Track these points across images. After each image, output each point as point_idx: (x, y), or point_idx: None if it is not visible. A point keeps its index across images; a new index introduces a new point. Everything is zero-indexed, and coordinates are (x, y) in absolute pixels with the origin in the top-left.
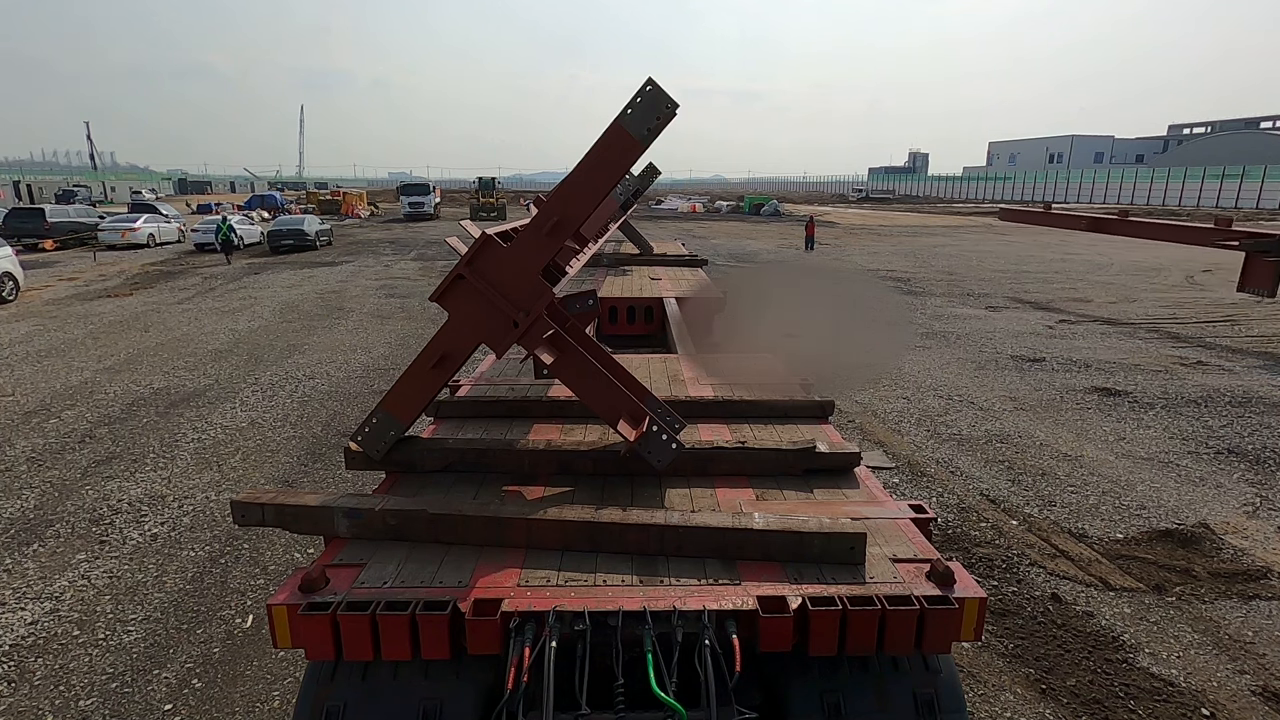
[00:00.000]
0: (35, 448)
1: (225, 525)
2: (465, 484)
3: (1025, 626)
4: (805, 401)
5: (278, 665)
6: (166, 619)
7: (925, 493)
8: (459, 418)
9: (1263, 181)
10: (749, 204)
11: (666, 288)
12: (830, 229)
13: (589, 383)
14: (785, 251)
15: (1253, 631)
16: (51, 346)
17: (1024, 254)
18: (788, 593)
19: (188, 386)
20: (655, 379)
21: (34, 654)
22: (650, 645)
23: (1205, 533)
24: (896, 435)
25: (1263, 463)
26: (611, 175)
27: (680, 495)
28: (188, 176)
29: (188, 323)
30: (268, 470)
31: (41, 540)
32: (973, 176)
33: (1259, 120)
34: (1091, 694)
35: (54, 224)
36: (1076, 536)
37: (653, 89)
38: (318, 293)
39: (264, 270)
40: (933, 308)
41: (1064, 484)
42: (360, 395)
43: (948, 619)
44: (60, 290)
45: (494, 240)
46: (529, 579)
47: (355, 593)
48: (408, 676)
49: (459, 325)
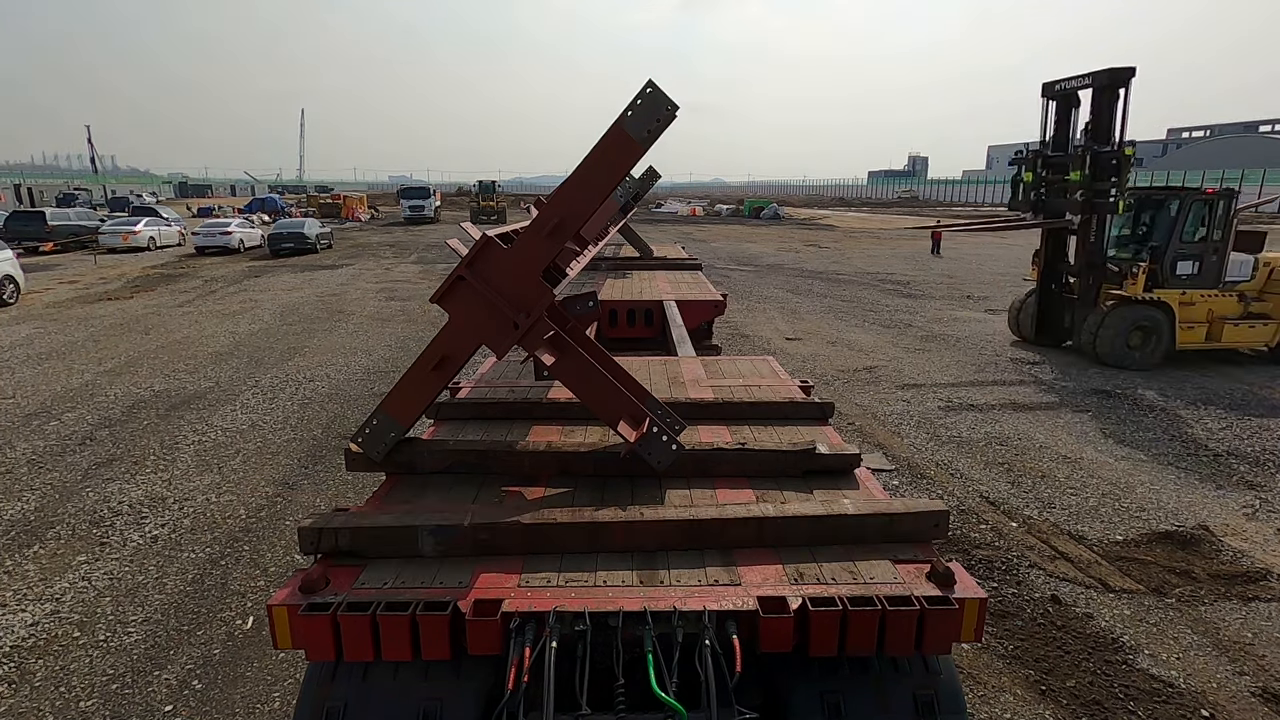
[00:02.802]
0: (36, 450)
1: (225, 527)
2: (466, 485)
3: (1025, 628)
4: (805, 403)
5: (278, 666)
6: (167, 620)
7: (925, 495)
8: (459, 419)
9: (1261, 184)
10: (749, 207)
11: (666, 290)
12: (829, 233)
13: (589, 384)
14: (785, 255)
15: (1252, 633)
16: (52, 349)
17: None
18: (788, 593)
19: (188, 389)
20: (655, 381)
21: (34, 655)
22: (651, 646)
23: (1205, 534)
24: (896, 437)
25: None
26: (612, 177)
27: (680, 496)
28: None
29: (188, 325)
30: (268, 472)
31: (42, 542)
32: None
33: (1257, 124)
34: (1091, 695)
35: (55, 227)
36: (1076, 538)
37: (653, 91)
38: (318, 296)
39: (264, 273)
40: (932, 311)
41: (1064, 486)
42: (361, 397)
43: (948, 620)
44: (61, 293)
45: (494, 242)
46: (529, 579)
47: (355, 593)
48: (408, 677)
49: (459, 327)
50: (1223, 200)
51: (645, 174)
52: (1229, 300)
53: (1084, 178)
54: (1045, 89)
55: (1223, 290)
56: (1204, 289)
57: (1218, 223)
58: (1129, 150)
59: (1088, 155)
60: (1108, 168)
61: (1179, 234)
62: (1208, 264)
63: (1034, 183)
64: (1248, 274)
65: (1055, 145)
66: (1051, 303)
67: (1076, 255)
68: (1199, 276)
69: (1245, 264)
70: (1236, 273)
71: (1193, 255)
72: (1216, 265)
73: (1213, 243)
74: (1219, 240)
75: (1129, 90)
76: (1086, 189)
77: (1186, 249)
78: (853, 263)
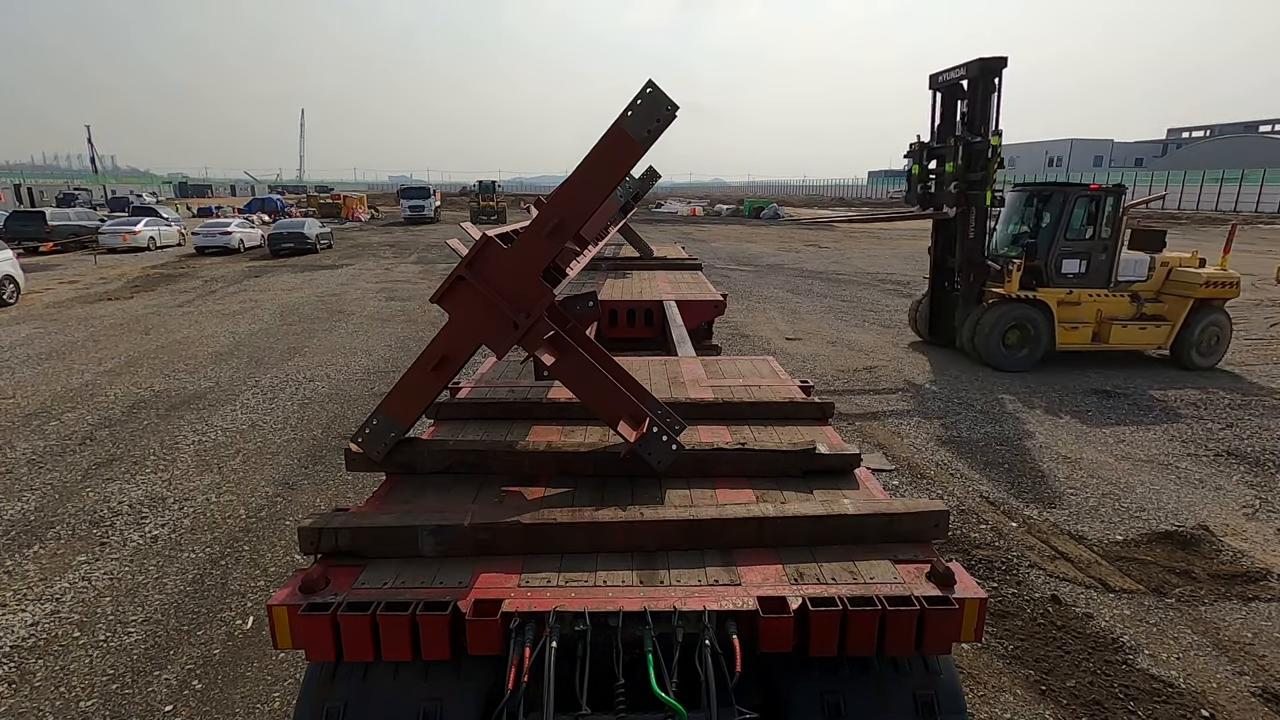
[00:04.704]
0: (36, 450)
1: (225, 527)
2: (465, 485)
3: (1025, 628)
4: (805, 403)
5: (278, 666)
6: (167, 620)
7: (925, 495)
8: (459, 419)
9: (1261, 184)
10: (749, 207)
11: (667, 290)
12: (829, 233)
13: (589, 384)
14: (785, 255)
15: (1252, 633)
16: (52, 349)
17: None
18: (788, 593)
19: (188, 389)
20: (655, 381)
21: (34, 655)
22: (651, 646)
23: (1205, 534)
24: (896, 437)
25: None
26: (612, 177)
27: (680, 496)
28: (188, 180)
29: (188, 325)
30: (268, 472)
31: (42, 542)
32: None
33: (1257, 124)
34: (1091, 695)
35: (55, 227)
36: (1076, 538)
37: (653, 91)
38: (318, 296)
39: (264, 273)
40: None
41: (1063, 486)
42: (360, 397)
43: (948, 620)
44: (61, 293)
45: (494, 242)
46: (529, 580)
47: (355, 593)
48: (408, 677)
49: (459, 327)
50: (1110, 197)
51: (645, 174)
52: (1120, 300)
53: (957, 169)
54: (931, 80)
55: (1114, 290)
56: (1093, 288)
57: (1106, 220)
58: (995, 140)
59: (960, 146)
60: (980, 159)
61: (1063, 231)
62: (1096, 263)
63: (920, 175)
64: (1143, 274)
65: (941, 137)
66: (944, 301)
67: (957, 252)
68: (1087, 275)
69: (1140, 263)
70: (1131, 272)
71: (1079, 253)
72: (1106, 264)
73: (1101, 240)
74: (1108, 238)
75: (1001, 80)
76: (960, 180)
77: (1072, 247)
78: (853, 263)
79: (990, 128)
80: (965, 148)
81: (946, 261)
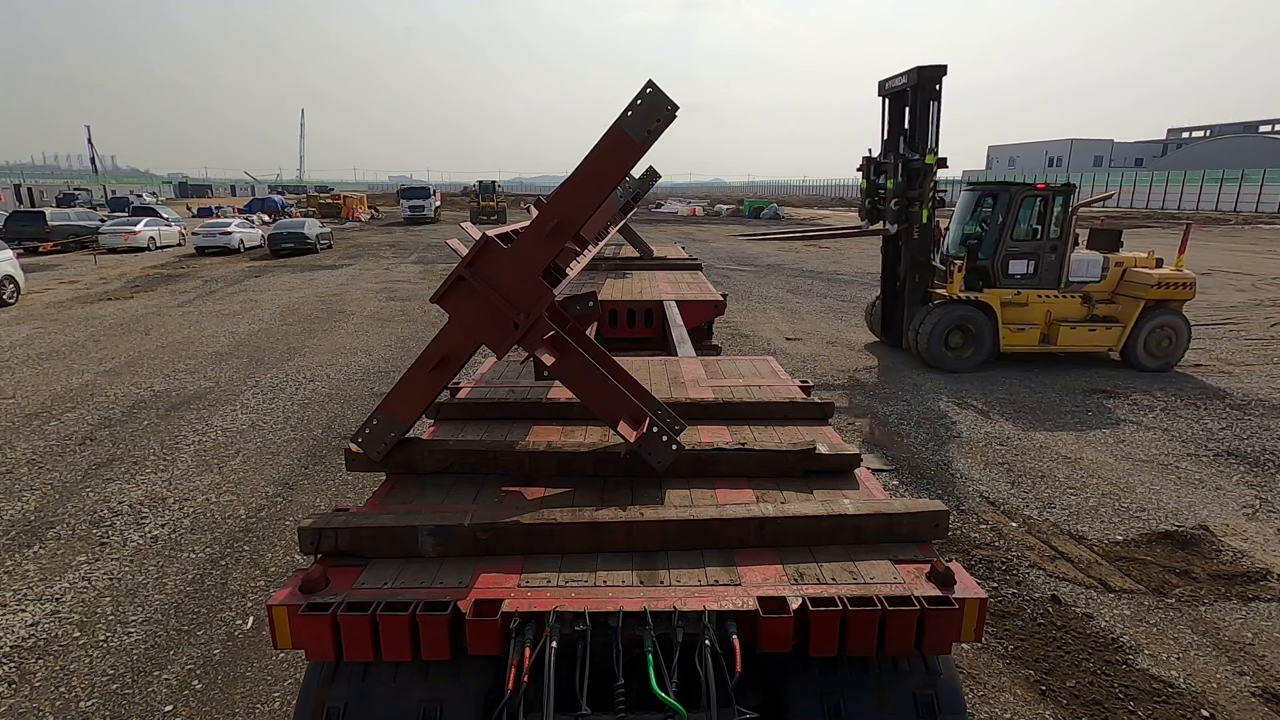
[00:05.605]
0: (36, 450)
1: (226, 527)
2: (466, 485)
3: (1025, 628)
4: (805, 403)
5: (278, 666)
6: (167, 621)
7: (925, 495)
8: (459, 419)
9: (1261, 184)
10: (749, 207)
11: (666, 290)
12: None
13: (589, 384)
14: (785, 255)
15: (1252, 633)
16: (52, 349)
17: None
18: (788, 593)
19: (188, 389)
20: (655, 381)
21: (34, 655)
22: (651, 646)
23: (1205, 534)
24: (897, 437)
25: None
26: (612, 177)
27: (680, 496)
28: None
29: (188, 325)
30: (268, 472)
31: (42, 542)
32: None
33: (1257, 124)
34: (1091, 695)
35: (55, 227)
36: (1076, 538)
37: (653, 91)
38: (318, 296)
39: (264, 273)
40: None
41: (1063, 486)
42: (361, 397)
43: (948, 620)
44: (61, 293)
45: (494, 242)
46: (529, 580)
47: (355, 593)
48: (408, 677)
49: (459, 327)
50: (1059, 196)
51: (645, 174)
52: (1071, 302)
53: (898, 186)
54: (880, 87)
55: (1065, 291)
56: (1043, 289)
57: (1055, 220)
58: (930, 158)
59: (899, 164)
60: (918, 176)
61: (1009, 231)
62: (1045, 263)
63: (869, 190)
64: (1097, 274)
65: (889, 148)
66: (895, 302)
67: (903, 256)
68: (1035, 276)
69: (1094, 264)
70: (1083, 273)
71: (1027, 254)
72: (1056, 265)
73: (1049, 240)
74: (1057, 238)
75: (940, 89)
76: (901, 197)
77: (1019, 247)
78: (853, 263)
79: (929, 144)
80: (904, 165)
81: (896, 264)
